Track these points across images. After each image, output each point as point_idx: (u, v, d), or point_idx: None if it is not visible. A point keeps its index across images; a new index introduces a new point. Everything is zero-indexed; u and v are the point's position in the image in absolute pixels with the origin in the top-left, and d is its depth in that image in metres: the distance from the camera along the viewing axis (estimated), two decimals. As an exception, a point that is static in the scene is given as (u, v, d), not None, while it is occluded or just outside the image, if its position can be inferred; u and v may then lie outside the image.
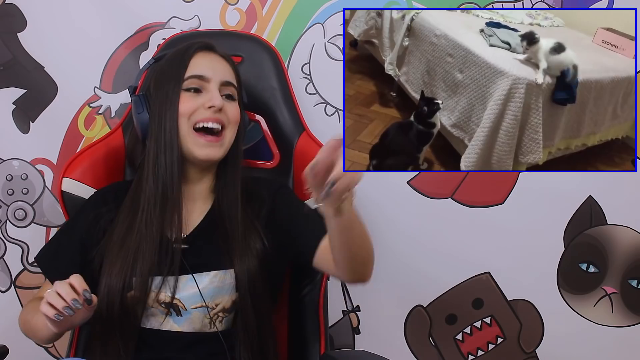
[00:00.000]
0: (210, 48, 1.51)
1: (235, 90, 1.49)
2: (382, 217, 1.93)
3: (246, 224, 1.45)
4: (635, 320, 1.99)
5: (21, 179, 1.94)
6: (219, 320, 1.43)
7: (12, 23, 1.91)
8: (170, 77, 1.46)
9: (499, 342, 2.01)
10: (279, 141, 1.70)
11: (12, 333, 1.62)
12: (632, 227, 1.96)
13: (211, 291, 1.41)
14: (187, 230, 1.47)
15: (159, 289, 1.39)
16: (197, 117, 1.43)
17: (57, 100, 1.93)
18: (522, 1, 1.91)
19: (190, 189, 1.49)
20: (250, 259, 1.42)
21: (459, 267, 1.98)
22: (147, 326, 1.42)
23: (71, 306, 1.22)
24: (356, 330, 2.00)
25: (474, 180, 1.94)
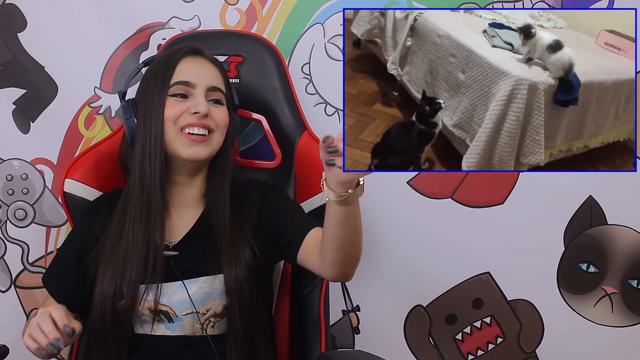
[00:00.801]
0: (198, 52, 1.50)
1: (222, 95, 1.48)
2: (383, 217, 1.93)
3: (234, 228, 1.45)
4: (635, 320, 1.99)
5: (21, 179, 1.94)
6: (211, 325, 1.43)
7: (12, 23, 1.91)
8: (156, 82, 1.45)
9: (499, 342, 2.01)
10: (280, 141, 1.69)
11: (13, 333, 1.63)
12: (632, 227, 1.97)
13: (201, 297, 1.42)
14: (177, 236, 1.47)
15: (148, 297, 1.40)
16: (182, 122, 1.43)
17: (57, 100, 1.92)
18: (522, 1, 1.91)
19: (180, 194, 1.49)
20: (238, 264, 1.41)
21: (459, 267, 1.98)
22: (140, 332, 1.43)
23: (54, 344, 1.23)
24: (356, 330, 2.00)
25: (474, 180, 1.94)
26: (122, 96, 1.53)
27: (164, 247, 1.43)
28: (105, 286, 1.39)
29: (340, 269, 1.35)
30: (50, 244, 1.96)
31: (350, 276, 1.38)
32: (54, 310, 1.26)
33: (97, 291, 1.40)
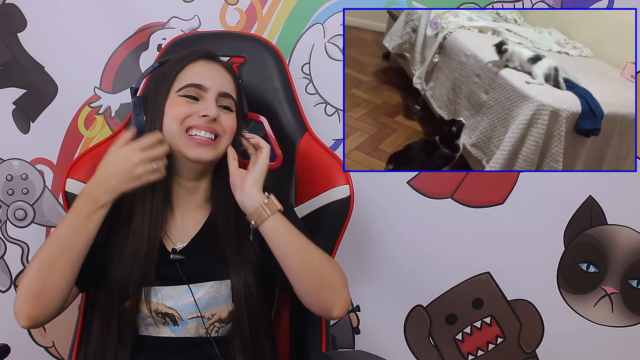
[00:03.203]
0: (213, 57, 1.50)
1: (233, 102, 1.48)
2: (382, 217, 1.94)
3: (240, 234, 1.44)
4: (635, 320, 2.00)
5: (21, 179, 1.94)
6: (215, 330, 1.43)
7: (12, 23, 1.91)
8: (168, 82, 1.45)
9: (499, 342, 2.01)
10: (281, 141, 1.69)
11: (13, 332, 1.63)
12: (632, 227, 1.97)
13: (206, 302, 1.41)
14: (184, 239, 1.47)
15: (153, 299, 1.40)
16: (189, 123, 1.42)
17: (57, 100, 1.93)
18: (522, 1, 1.91)
19: (185, 197, 1.49)
20: (245, 269, 1.42)
21: (459, 267, 1.98)
22: (145, 334, 1.43)
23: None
24: (356, 330, 2.00)
25: (474, 180, 1.94)
26: (134, 92, 1.52)
27: (170, 250, 1.43)
28: (113, 287, 1.39)
29: (314, 296, 1.37)
30: (50, 244, 1.96)
31: (335, 308, 1.37)
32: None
33: (102, 292, 1.39)
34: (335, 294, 1.38)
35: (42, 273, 1.31)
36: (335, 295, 1.38)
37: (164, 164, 1.37)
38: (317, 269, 1.36)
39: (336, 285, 1.38)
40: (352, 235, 1.75)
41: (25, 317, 1.32)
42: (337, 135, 1.90)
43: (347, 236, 1.58)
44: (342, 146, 1.85)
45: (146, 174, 1.34)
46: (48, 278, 1.31)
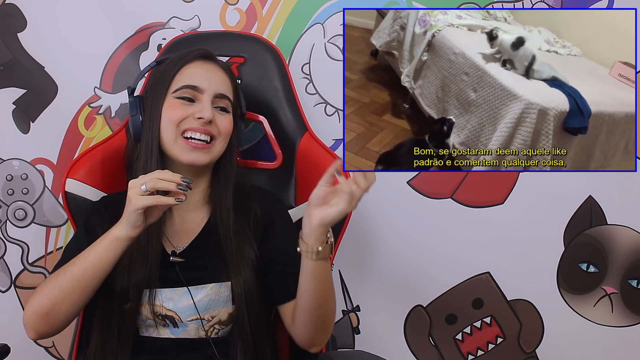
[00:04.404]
0: (210, 57, 1.50)
1: (229, 103, 1.47)
2: (382, 217, 1.94)
3: (239, 236, 1.44)
4: (635, 320, 2.00)
5: (21, 179, 1.94)
6: (215, 332, 1.43)
7: (12, 23, 1.91)
8: (164, 83, 1.45)
9: (499, 342, 2.01)
10: (281, 141, 1.69)
11: (13, 332, 1.62)
12: (632, 227, 1.97)
13: (206, 304, 1.41)
14: (183, 241, 1.47)
15: (154, 302, 1.40)
16: (185, 126, 1.42)
17: (57, 100, 1.93)
18: (522, 1, 1.91)
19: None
20: (245, 271, 1.42)
21: (458, 267, 1.98)
22: (145, 335, 1.43)
23: (182, 183, 1.26)
24: (356, 330, 2.00)
25: (474, 180, 1.94)
26: (130, 92, 1.52)
27: (170, 252, 1.43)
28: (113, 289, 1.39)
29: (309, 332, 1.37)
30: (50, 244, 1.96)
31: (317, 346, 1.40)
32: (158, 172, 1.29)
33: (102, 293, 1.39)
34: (323, 337, 1.41)
35: (54, 297, 1.33)
36: (323, 338, 1.41)
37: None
38: (324, 314, 1.36)
39: (328, 330, 1.40)
40: (352, 235, 1.76)
41: (32, 331, 1.36)
42: (337, 135, 1.90)
43: (347, 236, 1.58)
44: (342, 146, 1.85)
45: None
46: (59, 301, 1.33)
